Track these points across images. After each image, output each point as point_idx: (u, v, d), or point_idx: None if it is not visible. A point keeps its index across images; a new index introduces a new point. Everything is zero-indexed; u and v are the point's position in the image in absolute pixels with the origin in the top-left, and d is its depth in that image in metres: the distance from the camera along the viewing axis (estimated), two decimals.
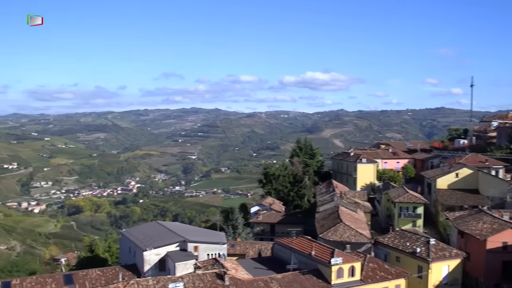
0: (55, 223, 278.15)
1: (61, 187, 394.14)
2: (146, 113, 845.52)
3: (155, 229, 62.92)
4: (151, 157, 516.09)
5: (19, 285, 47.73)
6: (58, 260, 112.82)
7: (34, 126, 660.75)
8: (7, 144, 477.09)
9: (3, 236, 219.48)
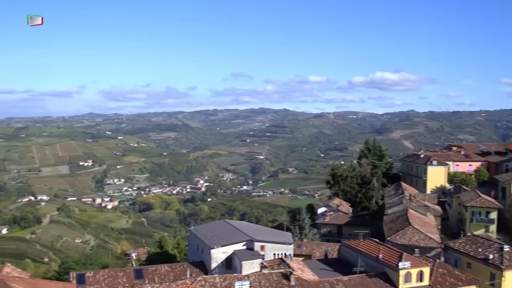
0: (127, 219, 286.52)
1: (132, 185, 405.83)
2: (215, 113, 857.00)
3: (222, 228, 63.56)
4: (219, 156, 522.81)
5: (93, 278, 49.50)
6: (129, 254, 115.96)
7: (108, 125, 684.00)
8: (83, 142, 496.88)
9: (78, 230, 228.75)
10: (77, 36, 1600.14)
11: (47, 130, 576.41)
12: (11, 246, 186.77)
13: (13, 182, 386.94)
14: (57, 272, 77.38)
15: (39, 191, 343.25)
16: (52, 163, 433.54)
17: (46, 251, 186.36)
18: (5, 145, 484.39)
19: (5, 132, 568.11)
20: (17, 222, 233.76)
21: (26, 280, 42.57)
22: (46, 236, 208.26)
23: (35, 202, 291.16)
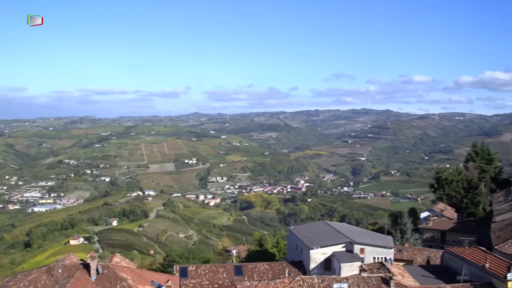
0: (228, 216, 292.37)
1: (234, 183, 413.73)
2: (317, 114, 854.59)
3: (322, 228, 63.25)
4: (320, 157, 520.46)
5: (195, 271, 51.10)
6: (230, 251, 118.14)
7: (212, 125, 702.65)
8: (188, 141, 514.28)
9: (182, 225, 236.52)
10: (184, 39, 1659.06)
11: (155, 129, 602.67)
12: (121, 237, 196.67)
13: (123, 178, 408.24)
14: (161, 265, 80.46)
15: (147, 186, 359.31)
16: (159, 160, 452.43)
17: (152, 244, 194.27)
18: (117, 143, 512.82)
19: (117, 130, 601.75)
20: (126, 215, 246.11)
21: (133, 270, 44.70)
22: (152, 230, 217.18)
23: (143, 197, 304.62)
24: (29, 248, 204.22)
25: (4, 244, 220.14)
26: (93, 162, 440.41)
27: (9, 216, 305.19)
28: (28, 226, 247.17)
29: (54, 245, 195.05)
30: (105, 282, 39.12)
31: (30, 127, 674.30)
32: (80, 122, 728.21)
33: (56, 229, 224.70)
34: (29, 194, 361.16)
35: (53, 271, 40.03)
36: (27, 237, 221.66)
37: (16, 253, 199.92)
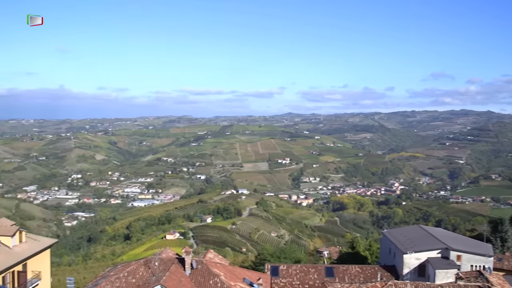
0: (320, 217, 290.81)
1: (327, 184, 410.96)
2: (413, 115, 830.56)
3: (416, 233, 61.69)
4: (416, 159, 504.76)
5: (286, 271, 51.50)
6: (321, 252, 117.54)
7: (306, 125, 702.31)
8: (282, 141, 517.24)
9: (274, 224, 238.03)
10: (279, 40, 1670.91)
11: (249, 129, 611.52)
12: (214, 234, 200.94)
13: (218, 176, 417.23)
14: (253, 262, 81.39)
15: (241, 185, 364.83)
16: (253, 159, 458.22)
17: (244, 241, 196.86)
18: (213, 142, 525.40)
19: (213, 129, 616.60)
20: (220, 212, 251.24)
21: (225, 266, 45.73)
22: (245, 228, 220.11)
23: (237, 195, 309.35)
24: (129, 241, 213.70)
25: (106, 236, 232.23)
26: (190, 160, 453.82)
27: (111, 210, 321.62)
28: (128, 220, 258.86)
29: (151, 239, 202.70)
30: (198, 277, 40.29)
31: (132, 125, 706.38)
32: (178, 121, 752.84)
33: (154, 223, 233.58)
34: (129, 189, 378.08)
35: (150, 264, 41.87)
36: (127, 230, 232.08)
37: (117, 245, 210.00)
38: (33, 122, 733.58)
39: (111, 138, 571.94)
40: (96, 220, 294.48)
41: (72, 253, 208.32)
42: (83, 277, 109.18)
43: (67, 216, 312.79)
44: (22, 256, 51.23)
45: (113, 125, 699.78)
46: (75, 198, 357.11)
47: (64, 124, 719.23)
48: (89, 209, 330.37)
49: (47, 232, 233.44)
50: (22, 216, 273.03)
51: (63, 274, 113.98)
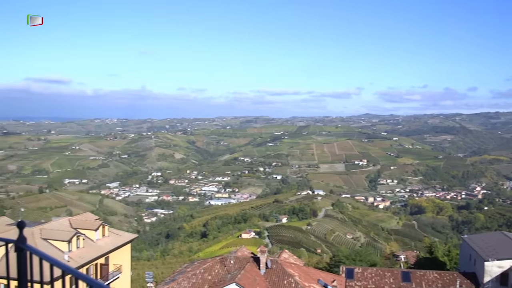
0: (397, 220, 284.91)
1: (405, 186, 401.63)
2: (497, 116, 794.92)
3: (499, 240, 59.59)
4: (500, 162, 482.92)
5: (361, 274, 51.18)
6: (398, 256, 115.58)
7: (384, 126, 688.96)
8: (358, 142, 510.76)
9: (350, 226, 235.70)
10: (354, 40, 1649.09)
11: (326, 129, 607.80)
12: (289, 234, 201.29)
13: (294, 176, 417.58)
14: (328, 264, 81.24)
15: (316, 186, 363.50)
16: (329, 160, 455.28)
17: (319, 242, 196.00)
18: (289, 142, 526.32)
19: (290, 130, 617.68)
20: (295, 213, 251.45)
21: (300, 267, 46.20)
22: (320, 229, 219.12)
23: (312, 196, 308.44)
24: (205, 238, 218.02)
25: (183, 233, 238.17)
26: (266, 160, 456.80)
27: (189, 208, 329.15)
28: (205, 217, 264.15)
29: (227, 237, 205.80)
30: (273, 276, 40.90)
31: (210, 125, 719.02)
32: (255, 121, 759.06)
33: (230, 222, 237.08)
34: (207, 188, 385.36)
35: (226, 262, 42.95)
36: (204, 228, 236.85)
37: (194, 242, 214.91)
38: (116, 121, 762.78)
39: (190, 137, 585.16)
40: (174, 217, 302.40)
41: (151, 248, 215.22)
42: (161, 272, 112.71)
43: (147, 212, 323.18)
44: (105, 249, 53.76)
45: (192, 125, 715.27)
46: (154, 195, 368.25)
47: (145, 123, 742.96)
48: (168, 206, 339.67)
49: (128, 228, 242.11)
50: (105, 211, 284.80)
51: (142, 268, 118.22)
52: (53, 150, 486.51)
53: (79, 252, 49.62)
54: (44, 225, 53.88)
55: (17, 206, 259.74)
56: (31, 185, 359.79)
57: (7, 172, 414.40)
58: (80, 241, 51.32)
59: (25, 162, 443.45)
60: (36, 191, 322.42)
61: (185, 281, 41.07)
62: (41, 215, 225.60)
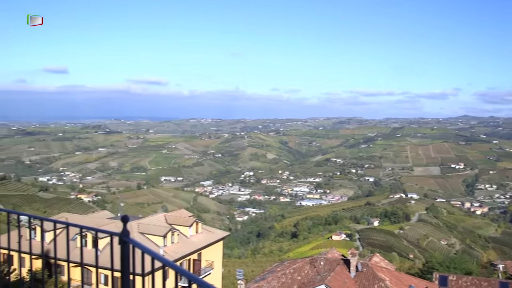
0: (496, 227, 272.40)
1: (505, 192, 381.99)
2: None
3: None
4: None
5: (455, 282, 49.98)
6: (496, 265, 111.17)
7: (483, 129, 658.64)
8: (455, 144, 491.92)
9: (444, 232, 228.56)
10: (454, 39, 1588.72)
11: (421, 131, 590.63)
12: (381, 238, 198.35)
13: (387, 179, 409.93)
14: (420, 270, 79.97)
15: (410, 189, 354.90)
16: (424, 163, 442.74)
17: (412, 247, 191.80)
18: (382, 144, 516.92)
19: (383, 131, 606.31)
20: (387, 216, 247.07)
21: (391, 272, 46.11)
22: (413, 234, 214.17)
23: (405, 199, 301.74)
24: (295, 239, 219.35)
25: (274, 233, 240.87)
26: (358, 162, 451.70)
27: (280, 208, 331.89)
28: (296, 218, 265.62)
29: (317, 238, 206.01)
30: (363, 279, 41.17)
31: (302, 126, 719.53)
32: (347, 122, 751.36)
33: (321, 223, 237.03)
34: (298, 188, 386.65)
35: (316, 263, 43.85)
36: (294, 228, 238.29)
37: (284, 242, 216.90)
38: (211, 121, 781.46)
39: (282, 138, 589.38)
40: (265, 216, 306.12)
41: (242, 246, 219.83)
42: (251, 270, 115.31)
43: (239, 211, 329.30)
44: (198, 245, 56.32)
45: (285, 125, 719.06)
46: (246, 195, 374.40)
47: (238, 123, 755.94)
48: (259, 205, 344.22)
49: (220, 225, 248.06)
50: (198, 208, 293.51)
51: (233, 265, 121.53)
52: (151, 148, 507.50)
53: (174, 247, 52.34)
54: (142, 220, 57.40)
55: (117, 201, 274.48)
56: (130, 181, 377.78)
57: (109, 169, 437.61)
58: (175, 236, 54.14)
59: (125, 159, 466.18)
60: (135, 187, 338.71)
61: (275, 280, 42.21)
62: (139, 210, 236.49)
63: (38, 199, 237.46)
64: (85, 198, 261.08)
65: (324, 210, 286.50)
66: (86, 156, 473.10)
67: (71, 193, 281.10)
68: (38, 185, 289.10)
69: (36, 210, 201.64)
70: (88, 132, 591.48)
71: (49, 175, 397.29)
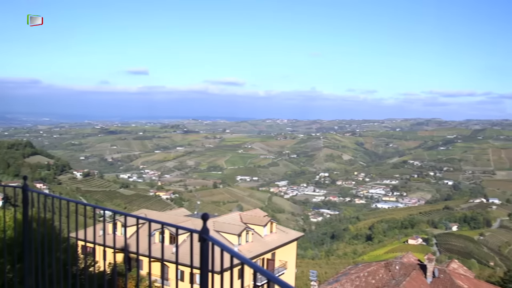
0: None
1: None
2: None
3: None
4: None
5: None
6: None
7: None
8: None
9: None
10: None
11: (505, 133, 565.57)
12: (459, 243, 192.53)
13: (467, 182, 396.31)
14: (501, 279, 77.58)
15: (491, 194, 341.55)
16: (508, 167, 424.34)
17: (492, 255, 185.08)
18: (463, 146, 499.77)
19: (463, 133, 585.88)
20: (467, 221, 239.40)
21: (470, 279, 44.95)
22: (494, 240, 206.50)
23: (486, 204, 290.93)
24: (370, 241, 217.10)
25: (348, 235, 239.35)
26: (437, 164, 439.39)
27: (355, 209, 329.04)
28: (371, 220, 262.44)
29: (393, 242, 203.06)
30: (440, 286, 40.43)
31: (379, 127, 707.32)
32: (426, 124, 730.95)
33: (396, 226, 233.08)
34: (374, 190, 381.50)
35: (391, 267, 43.74)
36: (369, 231, 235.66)
37: (358, 244, 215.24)
38: (286, 121, 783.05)
39: (358, 139, 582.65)
40: (340, 218, 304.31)
41: (316, 247, 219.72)
42: (324, 272, 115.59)
43: (313, 212, 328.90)
44: (272, 245, 57.49)
45: (361, 126, 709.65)
46: (321, 195, 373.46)
47: (314, 124, 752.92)
48: (334, 207, 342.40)
49: (294, 226, 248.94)
50: (273, 208, 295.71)
51: (307, 266, 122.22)
52: (227, 148, 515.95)
53: (248, 246, 53.68)
54: (217, 218, 59.29)
55: (194, 199, 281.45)
56: (207, 180, 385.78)
57: (186, 167, 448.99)
58: (249, 235, 55.54)
59: (202, 158, 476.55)
60: (211, 186, 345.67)
61: (348, 283, 42.37)
62: (214, 209, 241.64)
63: (119, 195, 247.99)
64: (163, 196, 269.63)
65: (400, 213, 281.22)
66: (164, 155, 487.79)
67: (150, 190, 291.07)
68: (120, 182, 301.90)
69: (117, 205, 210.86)
70: (167, 131, 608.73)
71: (130, 173, 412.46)
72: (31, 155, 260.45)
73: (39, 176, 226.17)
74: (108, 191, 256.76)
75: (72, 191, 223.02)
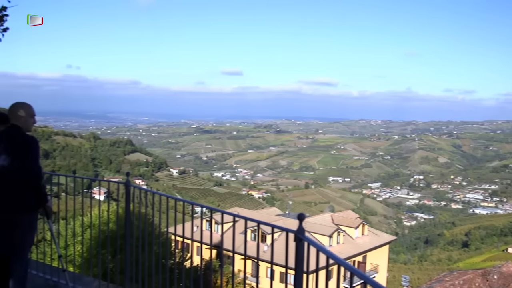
0: None
1: None
2: None
3: None
4: None
5: None
6: None
7: None
8: None
9: None
10: None
11: None
12: None
13: None
14: None
15: None
16: None
17: None
18: None
19: None
20: None
21: None
22: None
23: None
24: (466, 248, 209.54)
25: (443, 240, 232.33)
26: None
27: (451, 214, 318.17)
28: (468, 226, 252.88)
29: (491, 250, 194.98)
30: None
31: (478, 129, 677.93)
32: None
33: (495, 234, 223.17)
34: (471, 195, 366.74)
35: (489, 276, 42.73)
36: (466, 237, 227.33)
37: (454, 250, 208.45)
38: (380, 122, 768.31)
39: (455, 141, 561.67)
40: (434, 223, 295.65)
41: (408, 252, 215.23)
42: (417, 278, 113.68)
43: (406, 215, 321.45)
44: (363, 247, 57.89)
45: (458, 128, 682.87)
46: (415, 199, 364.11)
47: (409, 125, 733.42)
48: (428, 211, 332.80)
49: (387, 229, 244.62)
50: (365, 210, 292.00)
51: (398, 271, 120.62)
52: (319, 148, 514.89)
53: (339, 247, 54.23)
54: (308, 219, 59.98)
55: (285, 199, 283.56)
56: (299, 180, 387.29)
57: (279, 167, 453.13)
58: (341, 237, 56.22)
59: (294, 158, 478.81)
60: (303, 186, 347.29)
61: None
62: (306, 209, 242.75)
63: (212, 193, 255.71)
64: (255, 194, 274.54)
65: (500, 219, 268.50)
66: (257, 154, 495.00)
67: (242, 189, 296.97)
68: (214, 180, 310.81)
69: (210, 203, 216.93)
70: (260, 131, 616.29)
71: (223, 171, 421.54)
72: (131, 152, 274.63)
73: (138, 173, 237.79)
74: (202, 189, 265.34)
75: (168, 187, 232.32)
